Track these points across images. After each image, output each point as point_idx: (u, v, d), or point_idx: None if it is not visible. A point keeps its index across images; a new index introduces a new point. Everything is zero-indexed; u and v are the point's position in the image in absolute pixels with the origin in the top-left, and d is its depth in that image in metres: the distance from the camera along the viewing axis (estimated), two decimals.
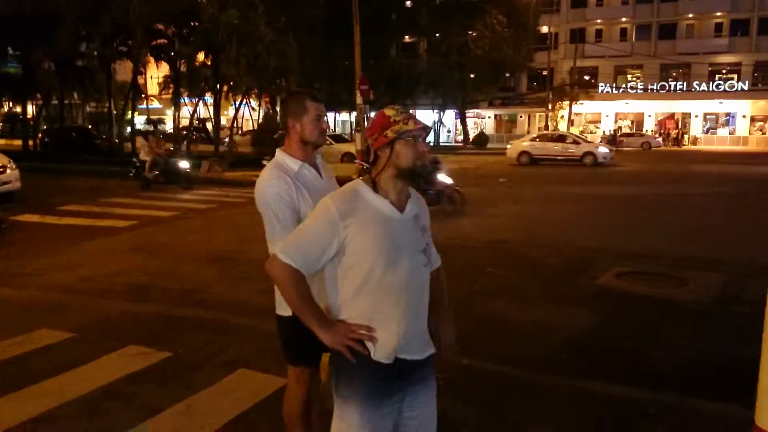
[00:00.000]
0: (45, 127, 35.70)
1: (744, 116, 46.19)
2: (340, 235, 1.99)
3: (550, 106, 42.47)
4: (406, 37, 45.77)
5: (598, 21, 49.84)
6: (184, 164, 16.49)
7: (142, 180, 15.92)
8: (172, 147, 19.45)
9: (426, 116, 48.58)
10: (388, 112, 2.06)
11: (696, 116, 47.62)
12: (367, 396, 2.01)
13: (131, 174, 16.81)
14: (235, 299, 5.82)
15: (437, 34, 42.21)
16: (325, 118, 2.72)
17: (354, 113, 29.08)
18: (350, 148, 23.85)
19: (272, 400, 3.67)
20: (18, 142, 32.26)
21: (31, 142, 29.90)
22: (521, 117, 51.94)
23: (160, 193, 14.66)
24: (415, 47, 47.09)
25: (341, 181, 2.33)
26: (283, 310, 2.58)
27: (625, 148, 39.16)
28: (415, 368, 2.10)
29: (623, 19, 49.19)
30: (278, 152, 2.67)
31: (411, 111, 2.14)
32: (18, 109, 41.38)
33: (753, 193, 15.52)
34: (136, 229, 9.85)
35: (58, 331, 4.86)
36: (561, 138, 27.96)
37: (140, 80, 34.22)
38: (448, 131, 51.91)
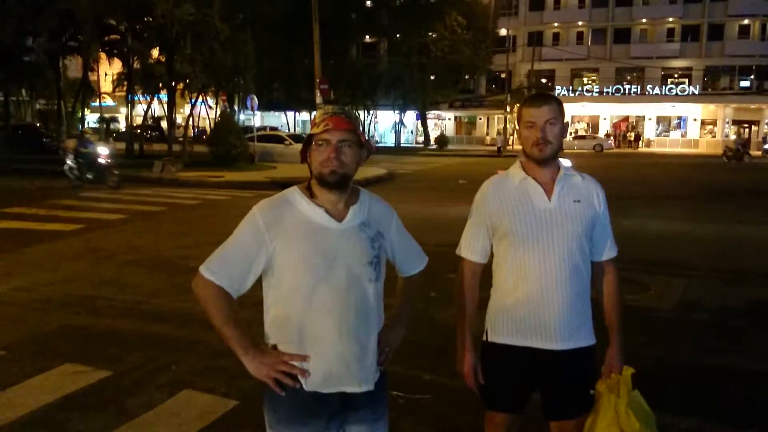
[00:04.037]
0: None
1: (695, 119, 47.54)
2: (268, 249, 1.77)
3: (508, 109, 42.89)
4: (367, 37, 45.62)
5: (555, 24, 50.58)
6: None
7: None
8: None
9: (387, 117, 48.53)
10: (318, 112, 1.86)
11: (650, 119, 48.79)
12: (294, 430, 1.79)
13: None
14: (182, 310, 5.48)
15: (397, 35, 42.21)
16: (549, 124, 2.11)
17: (314, 113, 28.73)
18: None
19: (219, 424, 3.41)
20: None
21: None
22: (480, 119, 52.32)
23: (108, 194, 14.08)
24: (375, 47, 46.98)
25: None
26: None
27: (577, 150, 39.77)
28: (359, 405, 1.85)
29: (579, 23, 50.04)
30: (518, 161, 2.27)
31: (353, 110, 1.90)
32: None
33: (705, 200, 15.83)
34: (82, 233, 9.36)
35: None
36: None
37: (92, 77, 33.11)
38: (411, 132, 51.94)
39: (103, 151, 15.59)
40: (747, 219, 11.73)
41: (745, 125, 46.70)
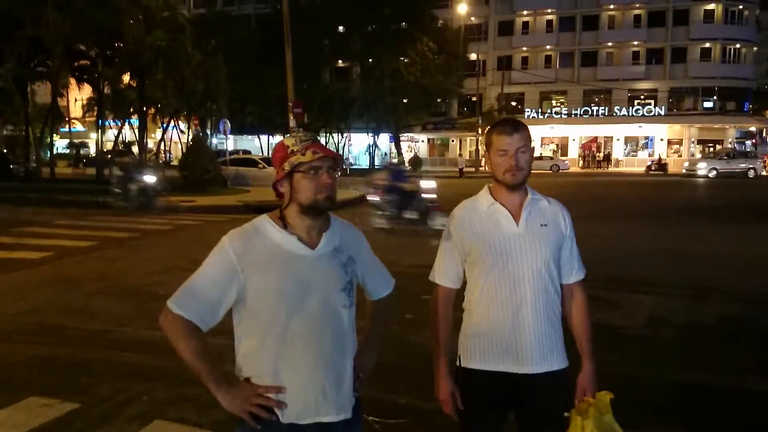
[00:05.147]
0: None
1: (661, 139, 48.74)
2: (239, 279, 1.74)
3: (479, 131, 43.49)
4: (340, 61, 46.01)
5: (524, 49, 51.69)
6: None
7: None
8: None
9: (361, 140, 48.77)
10: (288, 141, 1.84)
11: (618, 139, 49.86)
12: None
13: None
14: (152, 339, 5.37)
15: (370, 60, 42.68)
16: (521, 152, 2.15)
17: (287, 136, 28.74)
18: None
19: None
20: None
21: None
22: (453, 141, 52.94)
23: (78, 221, 13.84)
24: (348, 72, 47.37)
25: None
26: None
27: (534, 171, 40.31)
28: None
29: (548, 47, 51.19)
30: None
31: (321, 137, 1.94)
32: None
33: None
34: (50, 261, 9.17)
35: None
36: None
37: (62, 102, 32.73)
38: (384, 154, 52.22)
39: (428, 185, 13.06)
40: (707, 234, 12.02)
41: (710, 144, 47.99)
